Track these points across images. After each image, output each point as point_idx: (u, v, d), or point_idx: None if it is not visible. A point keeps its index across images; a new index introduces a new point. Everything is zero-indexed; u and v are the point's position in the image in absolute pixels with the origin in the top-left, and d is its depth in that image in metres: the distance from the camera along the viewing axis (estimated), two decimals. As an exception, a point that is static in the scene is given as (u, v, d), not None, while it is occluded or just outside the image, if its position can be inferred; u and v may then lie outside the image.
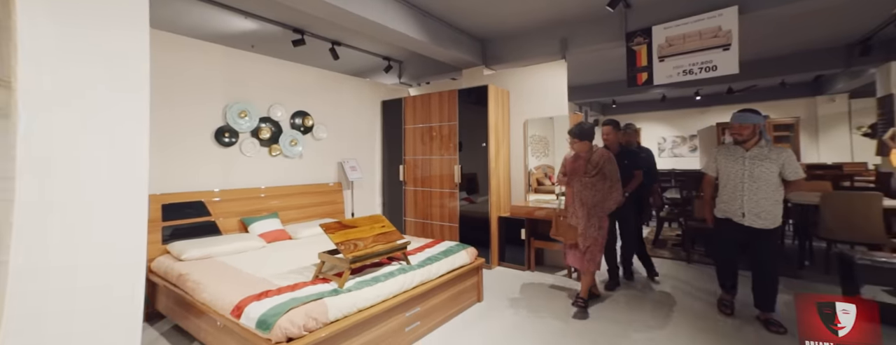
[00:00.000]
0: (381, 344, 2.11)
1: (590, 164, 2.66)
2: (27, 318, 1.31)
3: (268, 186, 3.55)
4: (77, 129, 1.48)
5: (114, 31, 1.54)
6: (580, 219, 2.66)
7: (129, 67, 1.58)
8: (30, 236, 1.36)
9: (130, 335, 1.50)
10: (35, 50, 1.40)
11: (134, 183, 1.60)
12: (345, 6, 2.81)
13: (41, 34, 1.41)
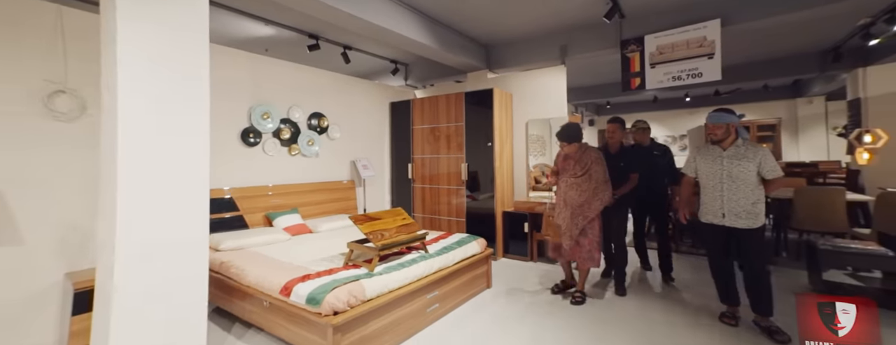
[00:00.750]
0: (407, 322, 2.39)
1: (579, 164, 2.75)
2: (133, 281, 1.64)
3: (288, 184, 3.80)
4: (158, 135, 1.77)
5: (185, 59, 1.84)
6: (564, 219, 2.75)
7: (194, 89, 1.89)
8: (128, 216, 1.65)
9: (199, 289, 1.82)
10: (132, 74, 1.69)
11: (198, 178, 1.91)
12: (370, 19, 3.08)
13: (136, 61, 1.70)
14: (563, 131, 2.80)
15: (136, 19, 1.73)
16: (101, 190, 1.81)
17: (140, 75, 1.74)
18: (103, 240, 1.74)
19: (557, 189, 2.86)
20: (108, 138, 1.74)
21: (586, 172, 2.71)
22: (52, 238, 2.35)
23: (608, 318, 2.64)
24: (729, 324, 2.43)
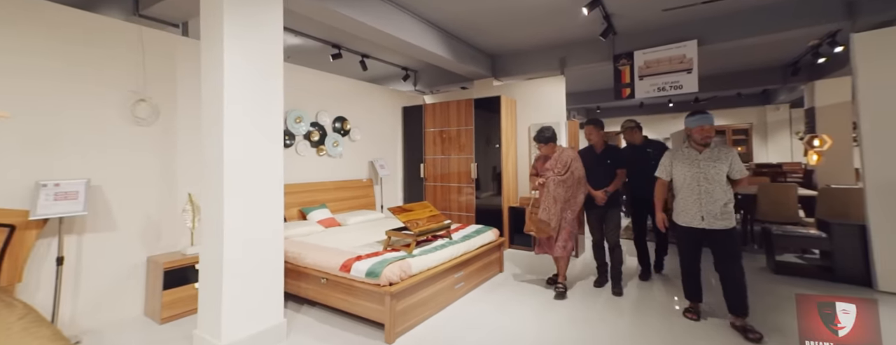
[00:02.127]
0: (441, 296, 2.90)
1: (559, 163, 3.00)
2: (236, 261, 2.16)
3: (317, 182, 4.25)
4: (248, 140, 2.25)
5: (265, 79, 2.35)
6: (553, 215, 2.95)
7: (273, 102, 2.38)
8: (233, 210, 2.13)
9: (278, 266, 2.31)
10: (231, 94, 2.17)
11: (275, 176, 2.40)
12: (397, 34, 3.58)
13: (234, 82, 2.17)
14: (540, 134, 3.08)
15: (235, 52, 2.19)
16: (205, 186, 2.25)
17: (236, 93, 2.22)
18: (211, 230, 2.20)
19: (541, 189, 3.05)
20: (214, 143, 2.18)
21: (568, 170, 2.96)
22: (137, 226, 2.76)
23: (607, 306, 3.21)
24: (691, 318, 2.55)
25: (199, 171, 3.10)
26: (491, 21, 4.04)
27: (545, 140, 3.07)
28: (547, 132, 3.08)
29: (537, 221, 3.01)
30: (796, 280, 3.29)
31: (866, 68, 3.04)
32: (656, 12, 3.80)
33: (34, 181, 2.26)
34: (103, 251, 2.58)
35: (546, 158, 3.09)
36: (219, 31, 2.15)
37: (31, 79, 2.33)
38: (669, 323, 2.57)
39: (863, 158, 3.04)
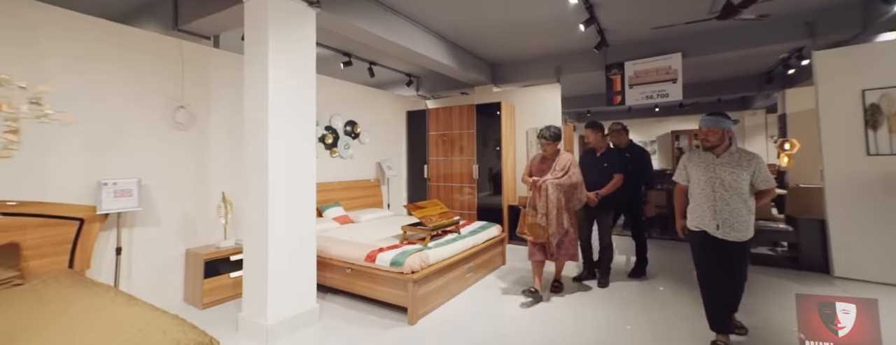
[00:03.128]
0: (453, 284, 3.24)
1: (557, 166, 2.93)
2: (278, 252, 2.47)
3: (331, 181, 4.55)
4: (289, 143, 2.57)
5: (301, 89, 2.67)
6: (552, 219, 2.85)
7: (307, 109, 2.70)
8: (276, 206, 2.44)
9: (311, 257, 2.63)
10: (276, 105, 2.49)
11: (309, 174, 2.72)
12: (408, 45, 3.91)
13: (277, 93, 2.48)
14: (548, 130, 2.98)
15: (278, 66, 2.51)
16: (250, 184, 2.55)
17: (279, 102, 2.54)
18: (256, 224, 2.50)
19: (535, 191, 2.96)
20: (259, 146, 2.48)
21: (567, 173, 2.89)
22: (176, 221, 3.03)
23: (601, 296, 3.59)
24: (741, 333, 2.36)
25: (229, 170, 3.40)
26: (493, 33, 4.40)
27: (552, 137, 2.99)
28: (554, 128, 3.02)
29: (532, 224, 2.92)
30: (767, 269, 3.73)
31: (825, 81, 3.49)
32: (645, 29, 4.22)
33: (96, 180, 2.53)
34: (150, 243, 2.85)
35: (544, 159, 3.05)
36: (264, 47, 2.46)
37: (91, 88, 2.60)
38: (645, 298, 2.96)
39: (823, 160, 3.49)
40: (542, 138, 3.02)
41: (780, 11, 3.62)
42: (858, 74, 3.32)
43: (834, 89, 3.44)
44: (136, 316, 1.57)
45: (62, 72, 2.47)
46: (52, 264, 2.26)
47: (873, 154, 3.25)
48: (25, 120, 2.27)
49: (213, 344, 1.49)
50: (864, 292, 3.04)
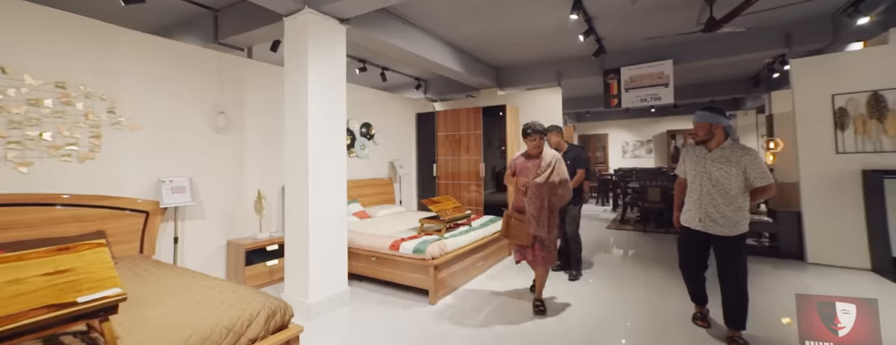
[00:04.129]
0: (467, 271, 3.62)
1: (542, 163, 2.74)
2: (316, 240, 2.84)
3: (349, 180, 4.93)
4: (326, 144, 2.94)
5: (333, 95, 3.03)
6: (542, 219, 2.67)
7: (339, 113, 3.07)
8: (319, 203, 2.81)
9: (343, 245, 3.01)
10: (314, 108, 2.87)
11: (341, 170, 3.09)
12: (422, 54, 4.29)
13: (315, 99, 2.86)
14: (538, 124, 2.80)
15: (315, 76, 2.87)
16: (291, 180, 2.93)
17: (316, 109, 2.91)
18: (298, 214, 2.87)
19: (519, 191, 2.84)
20: (299, 147, 2.86)
21: (553, 170, 2.72)
22: (218, 215, 3.41)
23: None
24: (702, 326, 2.46)
25: (262, 169, 3.78)
26: (499, 41, 4.80)
27: (544, 132, 2.81)
28: (538, 123, 2.80)
29: (515, 226, 2.78)
30: (751, 258, 4.11)
31: (800, 86, 3.89)
32: (639, 38, 4.62)
33: (156, 178, 2.91)
34: (198, 235, 3.23)
35: (528, 156, 2.84)
36: (303, 59, 2.84)
37: (151, 97, 2.97)
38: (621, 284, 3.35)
39: (798, 158, 3.89)
40: (536, 133, 2.76)
41: (760, 23, 4.03)
42: (829, 81, 3.72)
43: (808, 94, 3.85)
44: (222, 287, 1.95)
45: (129, 84, 2.84)
46: (126, 250, 2.63)
47: (841, 152, 3.66)
48: (104, 127, 2.64)
49: (286, 308, 1.87)
50: (831, 276, 3.45)
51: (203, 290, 1.91)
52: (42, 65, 2.40)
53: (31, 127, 2.32)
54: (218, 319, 1.61)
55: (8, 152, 2.23)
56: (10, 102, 2.23)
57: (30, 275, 1.26)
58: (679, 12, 3.84)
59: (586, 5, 3.65)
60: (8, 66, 2.25)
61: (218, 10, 3.58)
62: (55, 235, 2.30)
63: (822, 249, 3.75)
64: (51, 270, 1.30)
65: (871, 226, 3.44)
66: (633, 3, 3.56)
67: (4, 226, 2.14)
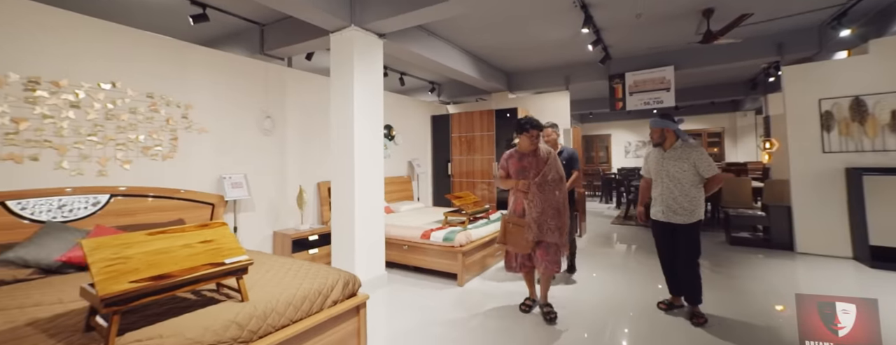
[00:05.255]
0: (487, 258, 4.05)
1: (543, 161, 2.55)
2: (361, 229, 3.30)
3: (373, 177, 5.36)
4: (369, 143, 3.38)
5: (372, 99, 3.48)
6: (546, 223, 2.51)
7: (376, 116, 3.50)
8: (363, 196, 3.25)
9: (381, 233, 3.44)
10: (359, 112, 3.30)
11: (379, 166, 3.51)
12: (443, 62, 4.72)
13: (361, 106, 3.29)
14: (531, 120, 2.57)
15: (360, 87, 3.30)
16: (337, 175, 3.36)
17: (358, 115, 3.32)
18: (345, 205, 3.31)
19: (518, 195, 2.62)
20: (345, 145, 3.29)
21: (552, 167, 2.57)
22: (265, 208, 3.85)
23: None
24: (661, 308, 2.77)
25: (300, 167, 4.21)
26: (512, 49, 5.23)
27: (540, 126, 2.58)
28: (534, 120, 2.57)
29: (513, 232, 2.58)
30: (745, 248, 4.56)
31: (790, 91, 4.33)
32: (643, 46, 5.05)
33: (218, 175, 3.34)
34: (250, 225, 3.67)
35: (523, 155, 2.63)
36: (349, 71, 3.27)
37: (214, 104, 3.40)
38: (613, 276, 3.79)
39: (789, 156, 4.33)
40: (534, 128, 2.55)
41: (754, 33, 4.47)
42: (816, 86, 4.15)
43: (798, 98, 4.28)
44: (300, 264, 2.39)
45: (198, 93, 3.28)
46: (200, 237, 3.07)
47: (827, 152, 4.09)
48: (179, 130, 3.08)
49: (355, 279, 2.30)
50: (817, 264, 3.88)
51: (284, 266, 2.34)
52: (137, 79, 2.84)
53: (132, 131, 2.76)
54: (310, 284, 2.04)
55: (117, 152, 2.67)
56: (118, 111, 2.67)
57: (193, 242, 1.70)
58: (679, 24, 4.28)
59: (596, 19, 4.09)
60: (118, 81, 2.69)
61: (265, 24, 4.02)
62: (148, 222, 2.74)
63: (809, 240, 4.18)
64: (202, 239, 1.74)
65: (853, 218, 3.88)
66: (637, 17, 4.00)
67: (119, 213, 2.58)
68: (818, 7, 3.85)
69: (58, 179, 2.44)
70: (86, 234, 2.30)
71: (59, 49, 2.48)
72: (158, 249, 1.60)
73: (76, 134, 2.51)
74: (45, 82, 2.38)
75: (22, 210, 2.23)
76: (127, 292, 1.40)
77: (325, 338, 2.03)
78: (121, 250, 1.52)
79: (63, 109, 2.44)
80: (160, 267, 1.54)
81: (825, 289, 3.20)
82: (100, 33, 2.68)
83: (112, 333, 1.36)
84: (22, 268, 2.03)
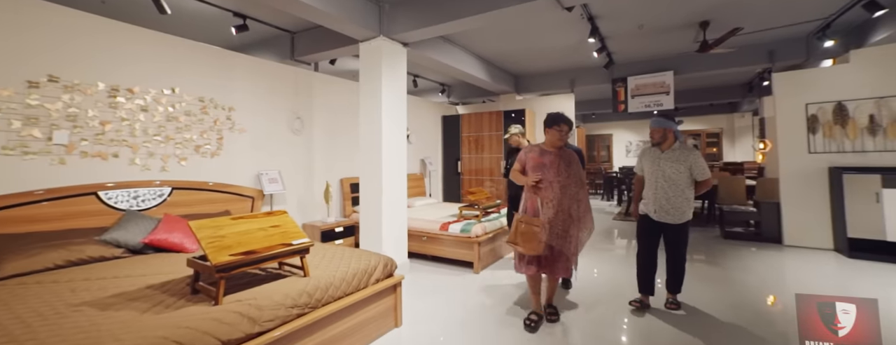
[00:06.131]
0: (499, 249, 4.41)
1: (562, 161, 2.44)
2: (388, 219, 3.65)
3: (389, 174, 5.72)
4: (396, 140, 3.75)
5: (397, 102, 3.83)
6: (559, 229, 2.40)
7: (401, 116, 3.84)
8: (390, 190, 3.61)
9: (404, 222, 3.80)
10: (386, 114, 3.66)
11: (403, 162, 3.85)
12: (459, 66, 5.07)
13: (388, 109, 3.65)
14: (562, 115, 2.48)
15: (388, 92, 3.65)
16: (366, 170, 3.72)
17: (385, 116, 3.68)
18: (373, 197, 3.67)
19: (535, 192, 2.48)
20: (374, 145, 3.64)
21: (574, 171, 2.47)
22: (294, 202, 4.21)
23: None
24: (635, 306, 2.79)
25: (325, 164, 4.56)
26: (521, 54, 5.58)
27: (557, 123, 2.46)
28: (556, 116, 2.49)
29: (527, 232, 2.42)
30: (737, 242, 4.92)
31: (780, 96, 4.68)
32: (645, 53, 5.40)
33: (256, 171, 3.70)
34: (284, 218, 4.03)
35: (543, 152, 2.50)
36: (378, 76, 3.61)
37: (251, 105, 3.76)
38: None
39: (779, 156, 4.69)
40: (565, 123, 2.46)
41: (748, 42, 4.82)
42: (803, 92, 4.51)
43: (787, 102, 4.64)
44: (342, 249, 2.75)
45: (239, 96, 3.63)
46: (244, 226, 3.43)
47: (813, 152, 4.45)
48: (224, 130, 3.44)
49: (392, 262, 2.65)
50: (801, 255, 4.25)
51: (329, 250, 2.71)
52: (191, 85, 3.20)
53: (187, 131, 3.12)
54: (357, 265, 2.40)
55: (175, 150, 3.03)
56: (177, 114, 3.03)
57: (266, 226, 2.06)
58: (678, 34, 4.62)
59: (601, 30, 4.44)
60: (176, 87, 3.05)
61: (295, 32, 4.37)
62: (202, 212, 3.10)
63: (796, 234, 4.55)
64: (272, 224, 2.10)
65: (834, 213, 4.24)
66: (640, 28, 4.35)
67: (178, 204, 2.95)
68: (804, 20, 4.20)
69: (131, 174, 2.80)
70: (158, 221, 2.67)
71: (132, 60, 2.85)
72: (243, 231, 1.97)
73: (145, 134, 2.87)
74: (122, 89, 2.74)
75: (109, 199, 2.60)
76: (230, 262, 1.76)
77: (370, 311, 2.39)
78: (216, 231, 1.88)
79: (136, 112, 2.80)
80: (247, 245, 1.90)
81: (808, 279, 3.56)
82: (162, 45, 3.03)
83: (220, 292, 1.72)
84: (115, 248, 2.39)
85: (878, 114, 4.06)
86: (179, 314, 1.60)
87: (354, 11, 3.24)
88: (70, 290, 1.84)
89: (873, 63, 4.07)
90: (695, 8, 3.87)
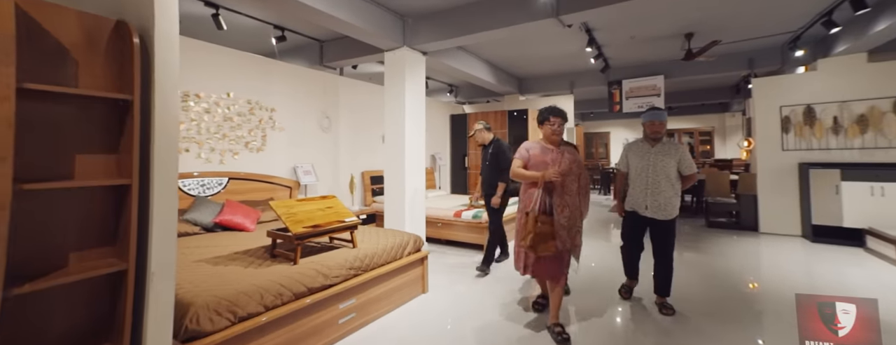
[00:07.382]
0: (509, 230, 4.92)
1: (565, 159, 2.30)
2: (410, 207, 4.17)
3: (403, 169, 6.23)
4: (418, 137, 4.27)
5: (417, 103, 4.34)
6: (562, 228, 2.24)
7: (420, 116, 4.34)
8: (411, 181, 4.13)
9: (422, 209, 4.31)
10: (409, 115, 4.19)
11: (421, 156, 4.36)
12: (469, 71, 5.56)
13: (411, 110, 4.15)
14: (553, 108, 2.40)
15: (411, 95, 4.15)
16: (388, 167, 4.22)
17: (408, 117, 4.18)
18: (397, 187, 4.17)
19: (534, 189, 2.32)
20: (397, 142, 4.14)
21: (576, 167, 2.35)
22: (325, 192, 4.71)
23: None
24: (623, 297, 2.88)
25: (348, 159, 5.07)
26: (525, 59, 6.08)
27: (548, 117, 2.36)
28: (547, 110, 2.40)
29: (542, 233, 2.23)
30: (720, 231, 5.43)
31: (758, 98, 5.18)
32: (638, 58, 5.90)
33: (292, 165, 4.21)
34: (315, 206, 4.54)
35: (545, 149, 2.39)
36: (401, 82, 4.10)
37: (288, 107, 4.26)
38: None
39: (757, 154, 5.20)
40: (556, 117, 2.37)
41: (729, 51, 5.31)
42: (778, 95, 5.01)
43: (764, 105, 5.14)
44: (375, 229, 3.26)
45: (278, 98, 4.13)
46: (286, 212, 3.94)
47: (786, 150, 4.96)
48: (267, 129, 3.94)
49: (420, 239, 3.16)
50: (774, 241, 4.76)
51: (368, 230, 3.22)
52: (242, 89, 3.70)
53: (239, 130, 3.62)
54: (393, 240, 2.91)
55: (230, 145, 3.53)
56: (231, 115, 3.54)
57: (322, 207, 2.57)
58: (666, 43, 5.12)
59: (597, 39, 4.93)
60: (231, 92, 3.55)
61: (324, 41, 4.86)
62: (252, 199, 3.60)
63: (770, 222, 5.07)
64: (327, 206, 2.61)
65: (802, 204, 4.76)
66: (631, 39, 4.84)
67: (234, 192, 3.46)
68: (777, 32, 4.70)
69: (196, 166, 3.31)
70: (221, 205, 3.17)
71: (199, 69, 3.35)
72: (307, 210, 2.48)
73: (207, 132, 3.37)
74: (191, 95, 3.24)
75: (184, 187, 3.10)
76: (304, 233, 2.27)
77: (403, 278, 2.90)
78: (289, 209, 2.40)
79: (202, 114, 3.30)
80: (313, 220, 2.41)
81: (777, 260, 4.06)
82: (219, 55, 3.53)
83: (297, 255, 2.23)
84: (193, 225, 2.90)
85: (840, 116, 4.57)
86: (270, 270, 2.11)
87: (383, 26, 3.73)
88: (182, 254, 2.36)
89: (837, 71, 4.58)
90: (680, 21, 4.36)
